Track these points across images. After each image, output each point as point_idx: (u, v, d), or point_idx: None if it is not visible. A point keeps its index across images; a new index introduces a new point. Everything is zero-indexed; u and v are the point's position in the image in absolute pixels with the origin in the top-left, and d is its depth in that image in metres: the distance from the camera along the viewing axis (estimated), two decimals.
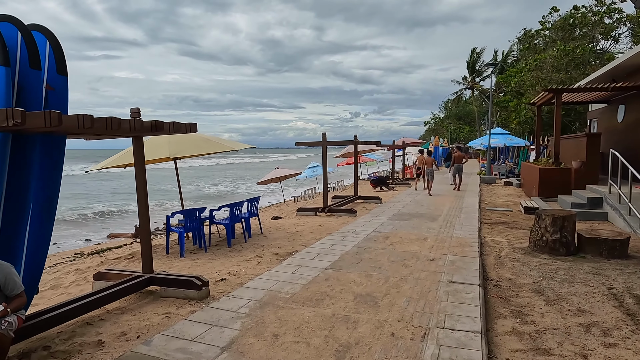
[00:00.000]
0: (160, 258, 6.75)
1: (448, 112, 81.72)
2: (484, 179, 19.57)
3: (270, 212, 16.77)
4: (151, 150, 7.01)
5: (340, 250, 6.52)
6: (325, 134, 10.60)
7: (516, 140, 23.56)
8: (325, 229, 8.68)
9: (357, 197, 12.91)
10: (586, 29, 24.37)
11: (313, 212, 10.76)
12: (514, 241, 7.40)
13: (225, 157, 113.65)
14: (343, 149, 25.52)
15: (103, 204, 26.01)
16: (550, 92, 12.17)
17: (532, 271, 5.59)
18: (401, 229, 8.16)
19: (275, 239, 7.84)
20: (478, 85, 51.06)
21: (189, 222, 6.79)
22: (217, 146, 7.26)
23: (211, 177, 51.17)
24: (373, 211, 10.76)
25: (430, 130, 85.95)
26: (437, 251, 6.41)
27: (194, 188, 36.93)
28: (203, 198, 28.74)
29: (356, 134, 12.23)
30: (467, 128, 65.32)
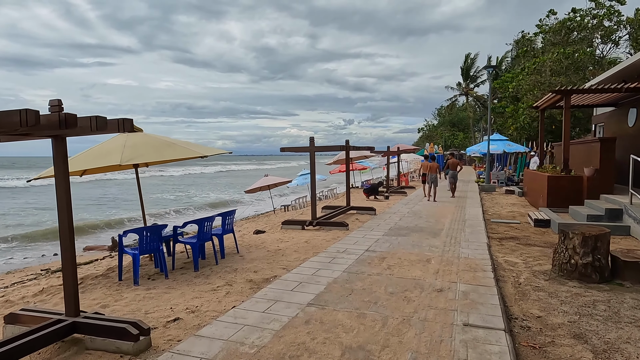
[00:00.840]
0: (110, 286, 5.58)
1: (442, 119, 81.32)
2: (484, 187, 18.58)
3: (256, 223, 15.62)
4: (101, 156, 5.87)
5: (328, 276, 5.38)
6: (313, 139, 9.51)
7: (515, 147, 22.65)
8: (312, 246, 7.55)
9: (350, 208, 11.81)
10: (585, 32, 23.66)
11: (300, 226, 9.63)
12: (532, 262, 6.31)
13: (218, 164, 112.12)
14: (335, 156, 24.46)
15: (87, 212, 24.68)
16: (558, 93, 11.20)
17: (564, 305, 4.50)
18: (399, 248, 7.04)
19: (253, 259, 6.69)
20: (472, 91, 50.43)
21: (145, 242, 5.63)
22: (182, 152, 6.13)
23: (201, 185, 49.86)
24: (367, 224, 9.65)
25: (424, 137, 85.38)
26: (444, 277, 5.30)
27: (185, 196, 35.64)
28: (199, 208, 27.49)
29: (348, 139, 11.17)
30: (462, 135, 64.70)
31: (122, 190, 40.00)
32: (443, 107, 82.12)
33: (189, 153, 6.22)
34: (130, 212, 24.47)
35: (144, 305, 4.69)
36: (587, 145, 11.53)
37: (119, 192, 38.38)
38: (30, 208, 26.73)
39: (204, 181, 55.42)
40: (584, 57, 20.73)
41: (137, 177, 7.00)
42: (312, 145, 9.52)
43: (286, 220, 9.97)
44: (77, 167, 5.54)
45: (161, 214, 24.24)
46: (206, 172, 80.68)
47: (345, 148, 10.86)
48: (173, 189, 42.91)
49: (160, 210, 25.70)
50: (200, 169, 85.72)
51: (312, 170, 9.75)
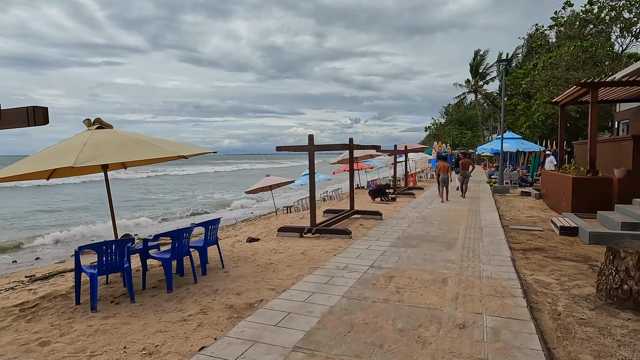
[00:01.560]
0: (63, 312, 4.67)
1: (449, 117, 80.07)
2: (497, 189, 17.50)
3: (255, 226, 14.71)
4: (55, 156, 4.95)
5: (323, 304, 4.43)
6: (312, 137, 8.55)
7: (530, 146, 21.52)
8: (308, 259, 6.59)
9: (354, 212, 10.84)
10: (602, 25, 22.44)
11: (297, 233, 8.68)
12: (568, 283, 5.30)
13: (232, 163, 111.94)
14: (340, 155, 23.48)
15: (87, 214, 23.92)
16: (584, 86, 10.14)
17: (624, 348, 3.50)
18: (409, 263, 6.06)
19: (239, 276, 5.74)
20: (482, 88, 49.14)
21: (106, 259, 4.71)
22: (155, 151, 5.19)
23: (204, 184, 49.10)
24: (372, 232, 8.68)
25: (432, 136, 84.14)
26: (465, 306, 4.32)
27: (189, 195, 34.84)
28: (189, 214, 26.64)
29: (352, 137, 10.19)
30: (470, 133, 63.43)
31: (123, 189, 39.33)
32: (450, 105, 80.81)
33: (162, 153, 5.28)
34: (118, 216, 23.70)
35: (92, 343, 3.76)
36: (616, 144, 10.46)
37: (123, 191, 37.68)
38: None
39: (216, 180, 54.69)
40: (602, 51, 19.54)
41: (107, 180, 6.08)
42: (312, 144, 8.56)
43: (283, 227, 9.01)
44: (12, 172, 4.63)
45: (143, 221, 23.40)
46: (220, 170, 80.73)
47: (349, 147, 9.89)
48: (181, 188, 42.17)
49: (151, 213, 24.88)
50: (212, 168, 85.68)
51: (311, 171, 8.79)
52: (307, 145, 8.56)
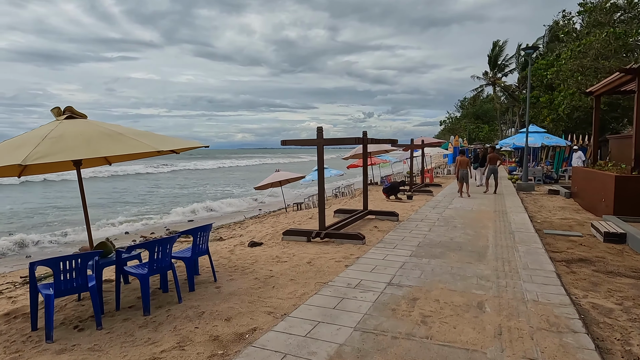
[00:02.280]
0: (13, 341, 3.83)
1: (465, 111, 78.21)
2: (521, 186, 16.32)
3: (262, 224, 13.86)
4: (4, 152, 4.10)
5: (329, 341, 3.49)
6: (321, 129, 7.60)
7: (555, 140, 20.20)
8: (315, 271, 5.67)
9: (367, 212, 9.88)
10: (635, 10, 20.90)
11: (305, 237, 7.76)
12: (635, 310, 4.28)
13: (254, 157, 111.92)
14: (353, 149, 22.48)
15: None
16: (628, 72, 8.98)
17: None
18: (435, 279, 5.09)
19: (232, 294, 4.85)
20: (500, 81, 47.44)
21: (64, 277, 3.86)
22: (130, 146, 4.31)
23: (214, 179, 48.52)
24: (389, 237, 7.71)
25: (447, 130, 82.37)
26: (514, 347, 3.34)
27: (202, 191, 34.23)
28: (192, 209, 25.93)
29: (366, 130, 9.20)
30: (487, 127, 61.68)
31: (134, 184, 38.91)
32: (466, 98, 78.95)
33: (139, 148, 4.39)
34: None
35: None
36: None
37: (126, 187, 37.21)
38: None
39: (247, 175, 54.17)
40: (636, 38, 18.10)
41: (80, 179, 5.23)
42: (320, 137, 7.60)
43: (288, 230, 8.10)
44: None
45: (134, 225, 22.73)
46: (241, 164, 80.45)
47: (362, 141, 8.89)
48: (195, 183, 41.64)
49: (143, 210, 24.22)
50: (236, 162, 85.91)
51: (320, 168, 7.84)
52: (315, 139, 7.61)
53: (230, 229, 15.62)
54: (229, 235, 13.06)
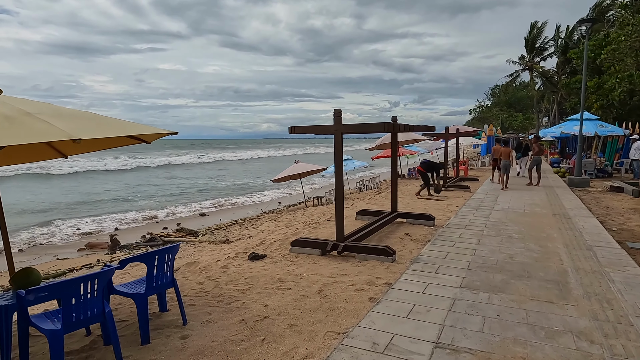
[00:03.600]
0: None
1: (496, 99, 74.59)
2: (573, 181, 14.16)
3: (275, 225, 12.32)
4: None
5: None
6: (339, 112, 5.89)
7: (611, 129, 17.77)
8: (328, 308, 4.03)
9: (396, 215, 8.16)
10: None
11: (319, 250, 6.13)
12: None
13: (295, 147, 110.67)
14: (379, 139, 20.64)
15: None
16: None
17: None
18: (507, 338, 3.33)
19: (201, 352, 3.27)
20: (538, 65, 44.19)
21: None
22: (32, 133, 2.76)
23: (233, 170, 47.43)
24: (426, 252, 5.97)
25: (477, 119, 78.80)
26: None
27: (212, 183, 33.11)
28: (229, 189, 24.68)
29: (395, 116, 7.41)
30: (521, 116, 58.28)
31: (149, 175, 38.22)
32: (498, 86, 75.18)
33: (43, 136, 2.81)
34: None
35: None
36: None
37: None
38: None
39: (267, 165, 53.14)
40: None
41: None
42: (339, 122, 5.88)
43: (298, 240, 6.46)
44: None
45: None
46: (279, 154, 78.13)
47: (392, 128, 7.05)
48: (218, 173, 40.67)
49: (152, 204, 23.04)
50: (273, 152, 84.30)
51: (337, 161, 6.14)
52: (331, 125, 5.90)
53: (243, 226, 14.21)
54: (237, 235, 11.61)
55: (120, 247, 12.70)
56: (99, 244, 13.55)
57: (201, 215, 18.50)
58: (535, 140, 14.43)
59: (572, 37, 40.90)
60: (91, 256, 11.74)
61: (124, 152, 67.89)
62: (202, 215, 18.65)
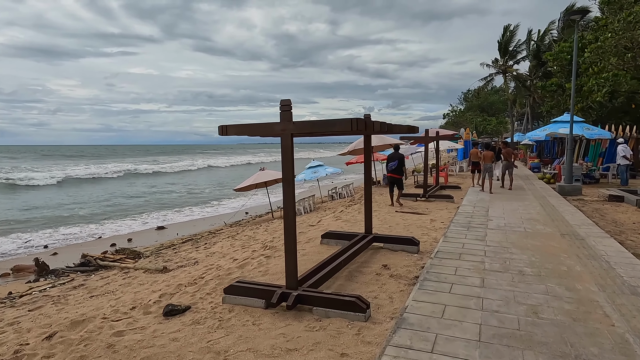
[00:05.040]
0: None
1: (469, 103, 74.82)
2: (564, 189, 12.85)
3: (230, 245, 10.39)
4: None
5: None
6: (289, 104, 4.09)
7: (598, 132, 16.69)
8: None
9: (371, 239, 6.42)
10: None
11: (262, 300, 4.29)
12: None
13: (253, 153, 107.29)
14: (352, 143, 18.97)
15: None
16: None
17: None
18: None
19: None
20: (512, 69, 43.79)
21: None
22: None
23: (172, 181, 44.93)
24: (412, 306, 4.20)
25: (450, 123, 78.65)
26: None
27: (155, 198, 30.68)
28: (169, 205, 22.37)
29: (369, 113, 5.68)
30: (495, 120, 58.10)
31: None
32: (470, 91, 75.42)
33: None
34: None
35: None
36: None
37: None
38: None
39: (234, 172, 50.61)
40: None
41: None
42: (288, 119, 4.08)
43: (235, 286, 4.57)
44: None
45: None
46: (257, 161, 70.94)
47: (362, 127, 5.18)
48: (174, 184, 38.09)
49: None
50: (250, 158, 79.74)
51: (285, 172, 4.31)
52: (278, 123, 4.09)
53: (196, 245, 12.23)
54: (183, 259, 9.63)
55: (49, 273, 10.67)
56: (26, 267, 11.35)
57: (159, 229, 16.39)
58: (504, 145, 14.79)
59: (543, 40, 40.66)
60: (10, 284, 9.67)
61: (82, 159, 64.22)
62: (159, 228, 16.52)
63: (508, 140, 27.29)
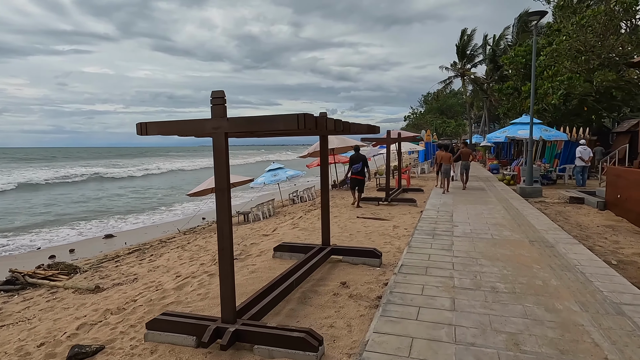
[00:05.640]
0: None
1: (429, 106, 76.28)
2: (525, 191, 12.73)
3: (177, 257, 9.43)
4: None
5: None
6: (222, 98, 3.33)
7: (555, 133, 16.87)
8: None
9: (329, 251, 5.74)
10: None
11: (193, 337, 3.48)
12: None
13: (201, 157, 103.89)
14: (311, 146, 18.29)
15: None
16: None
17: None
18: None
19: None
20: (469, 72, 44.71)
21: None
22: None
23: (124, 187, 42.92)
24: (373, 340, 3.52)
25: (411, 125, 79.76)
26: None
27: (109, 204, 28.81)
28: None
29: (325, 111, 5.01)
30: (454, 122, 59.29)
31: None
32: (430, 94, 76.91)
33: None
34: None
35: None
36: None
37: None
38: None
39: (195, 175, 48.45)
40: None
41: None
42: (221, 114, 3.32)
43: (160, 320, 3.74)
44: None
45: None
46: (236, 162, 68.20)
47: (310, 124, 4.50)
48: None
49: None
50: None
51: (218, 179, 3.55)
52: (208, 120, 3.32)
53: (142, 256, 11.18)
54: (122, 274, 8.60)
55: None
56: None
57: (106, 237, 15.00)
58: (463, 146, 15.31)
59: (499, 45, 41.77)
60: None
61: None
62: (107, 237, 15.13)
63: (467, 141, 27.61)
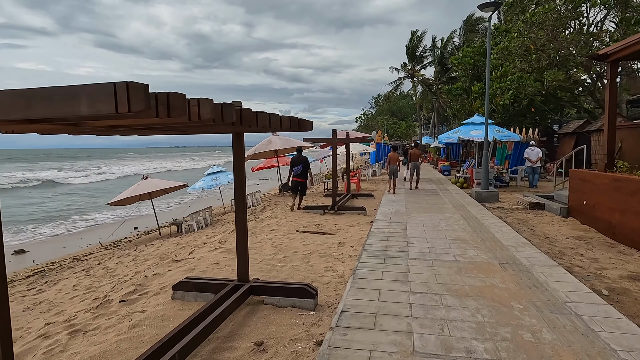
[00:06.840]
0: None
1: (380, 107, 76.71)
2: (481, 195, 11.82)
3: (81, 280, 7.49)
4: None
5: None
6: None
7: (508, 134, 16.29)
8: None
9: (249, 289, 4.20)
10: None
11: None
12: None
13: (142, 160, 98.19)
14: (252, 148, 16.58)
15: None
16: None
17: None
18: None
19: None
20: (419, 73, 44.75)
21: None
22: None
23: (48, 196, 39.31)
24: None
25: (363, 127, 79.77)
26: None
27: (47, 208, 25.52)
28: None
29: (240, 101, 3.50)
30: (404, 124, 59.58)
31: None
32: (381, 95, 77.37)
33: None
34: None
35: None
36: None
37: None
38: None
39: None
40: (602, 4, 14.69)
41: None
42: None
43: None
44: None
45: None
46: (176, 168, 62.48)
47: (228, 119, 2.96)
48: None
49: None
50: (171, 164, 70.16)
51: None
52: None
53: (42, 280, 9.19)
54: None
55: None
56: None
57: (16, 253, 12.55)
58: (414, 146, 15.69)
59: (447, 47, 42.09)
60: None
61: None
62: (17, 252, 12.66)
63: (418, 142, 27.08)
